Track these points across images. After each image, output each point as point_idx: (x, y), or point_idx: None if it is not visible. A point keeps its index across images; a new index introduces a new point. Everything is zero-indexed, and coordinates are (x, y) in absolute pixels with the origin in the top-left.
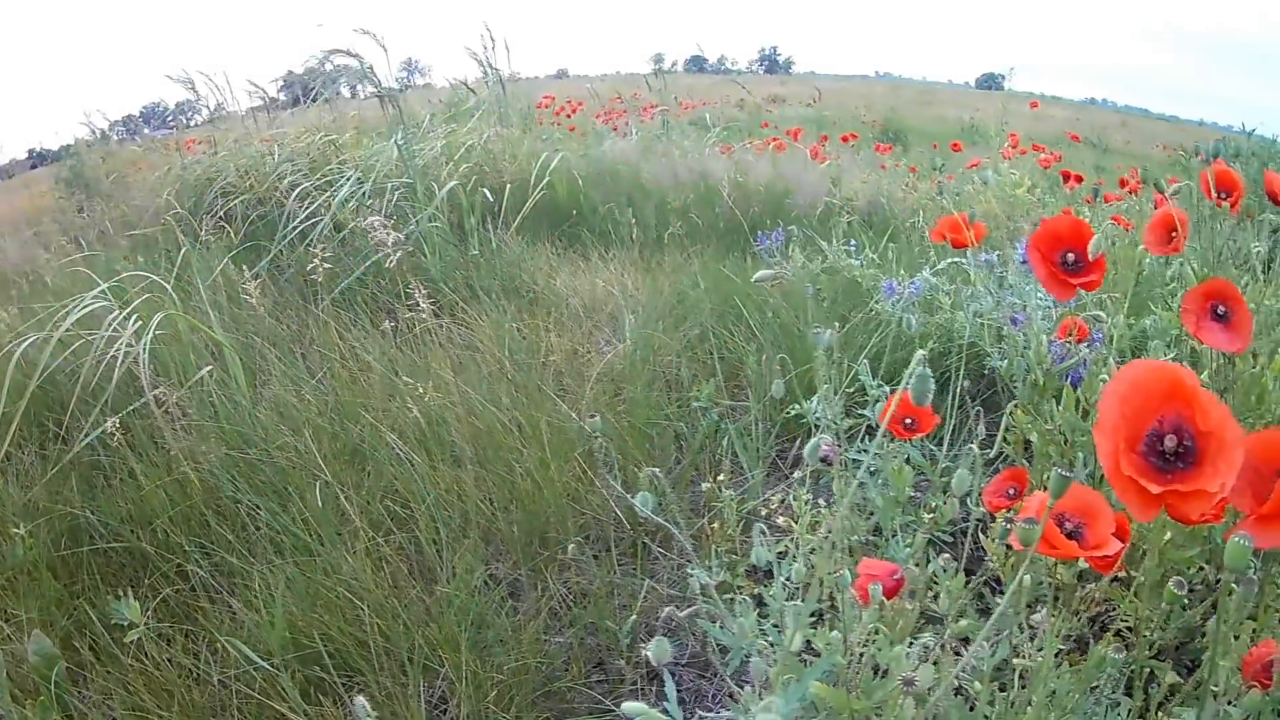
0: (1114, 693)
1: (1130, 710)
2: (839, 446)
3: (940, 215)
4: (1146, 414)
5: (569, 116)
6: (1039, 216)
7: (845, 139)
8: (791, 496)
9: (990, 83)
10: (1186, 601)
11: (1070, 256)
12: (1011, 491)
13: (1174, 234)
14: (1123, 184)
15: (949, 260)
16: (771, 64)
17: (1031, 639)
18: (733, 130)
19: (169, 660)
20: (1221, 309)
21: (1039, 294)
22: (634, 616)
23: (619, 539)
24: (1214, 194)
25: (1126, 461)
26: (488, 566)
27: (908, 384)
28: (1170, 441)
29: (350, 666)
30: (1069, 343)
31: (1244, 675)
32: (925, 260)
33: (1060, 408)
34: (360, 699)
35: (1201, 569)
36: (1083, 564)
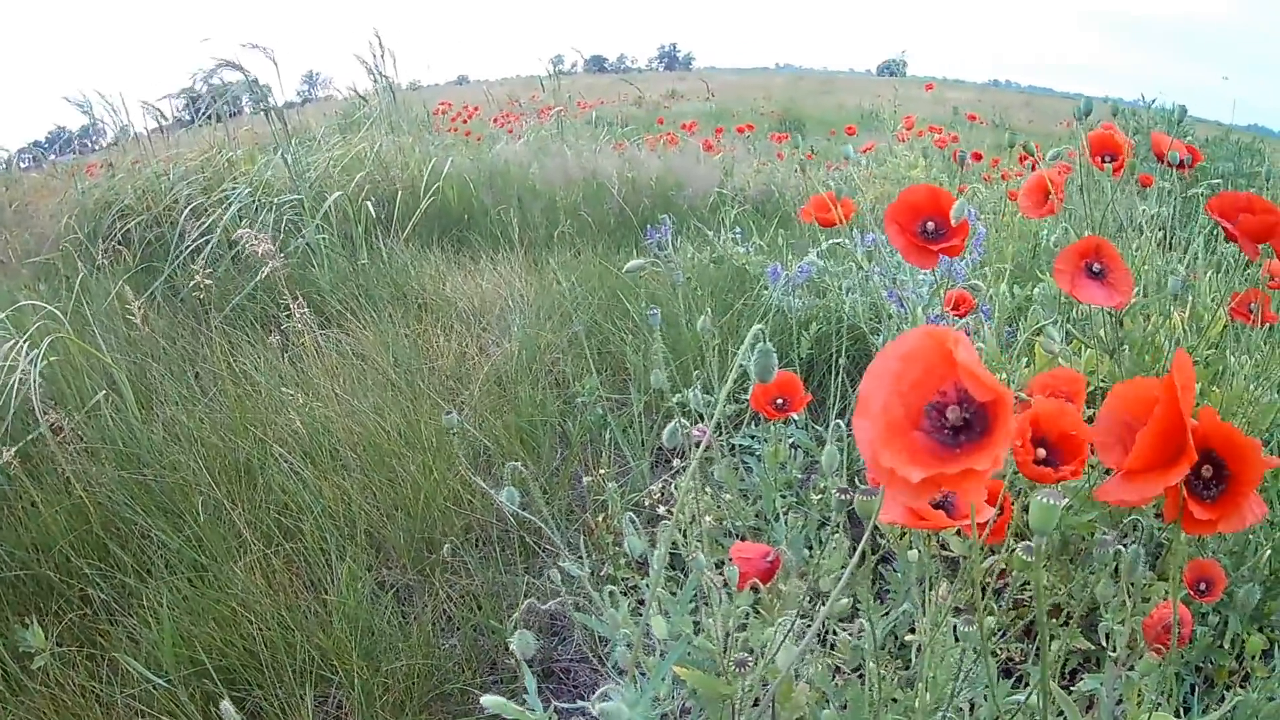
0: (1022, 661)
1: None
2: (722, 433)
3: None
4: (926, 388)
5: (465, 122)
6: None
7: (740, 130)
8: (673, 486)
9: (891, 69)
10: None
11: (930, 225)
12: None
13: (1049, 197)
14: (1022, 159)
15: (831, 241)
16: (671, 60)
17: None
18: (629, 127)
19: (74, 684)
20: (1096, 266)
21: (920, 270)
22: (516, 615)
23: (504, 538)
24: (1097, 158)
25: (890, 451)
26: (376, 573)
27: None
28: (954, 413)
29: (248, 680)
30: (945, 313)
31: (1146, 638)
32: (816, 245)
33: None
34: (225, 704)
35: (1105, 532)
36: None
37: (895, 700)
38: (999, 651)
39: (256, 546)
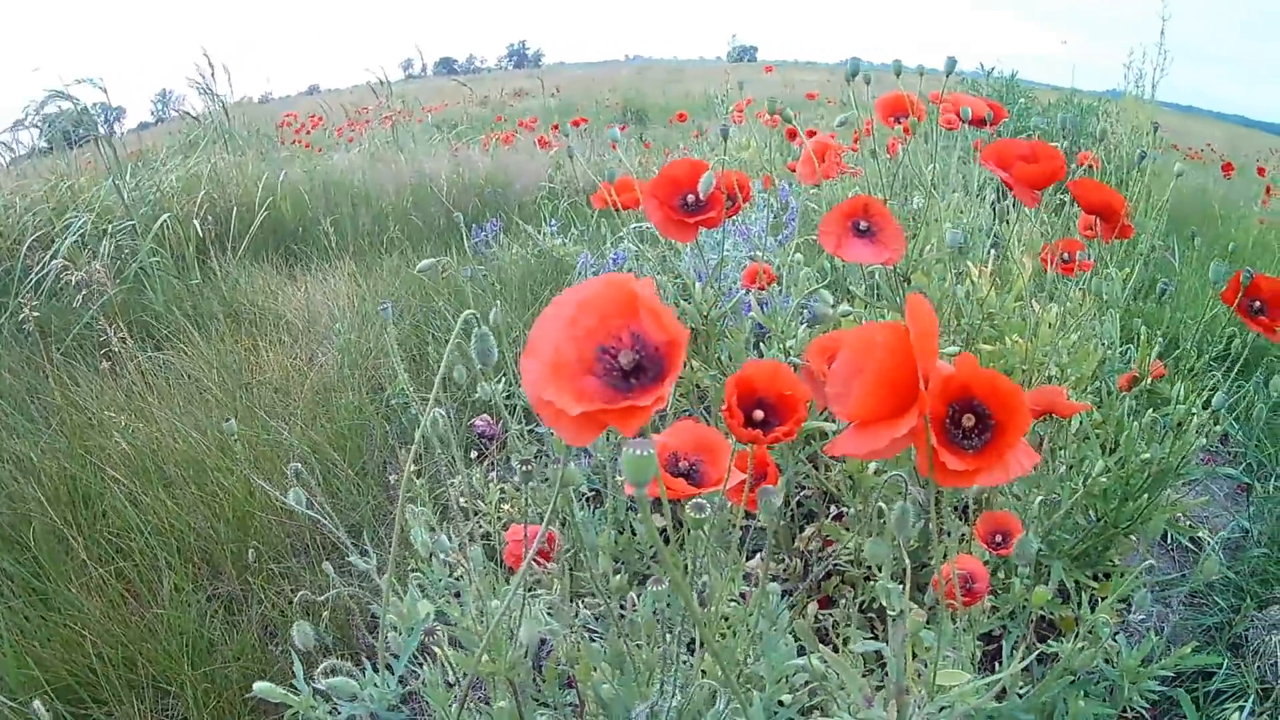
0: (846, 625)
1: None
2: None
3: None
4: (601, 333)
5: (309, 133)
6: (764, 175)
7: (575, 124)
8: (474, 479)
9: (743, 55)
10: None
11: (690, 198)
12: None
13: (823, 163)
14: (856, 137)
15: (635, 225)
16: (521, 58)
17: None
18: (475, 127)
19: None
20: (864, 225)
21: (732, 248)
22: (326, 614)
23: (325, 544)
24: (889, 119)
25: (555, 389)
26: (210, 585)
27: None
28: (626, 357)
29: (93, 697)
30: (728, 285)
31: (938, 591)
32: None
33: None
34: (36, 703)
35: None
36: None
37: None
38: (807, 618)
39: (94, 569)
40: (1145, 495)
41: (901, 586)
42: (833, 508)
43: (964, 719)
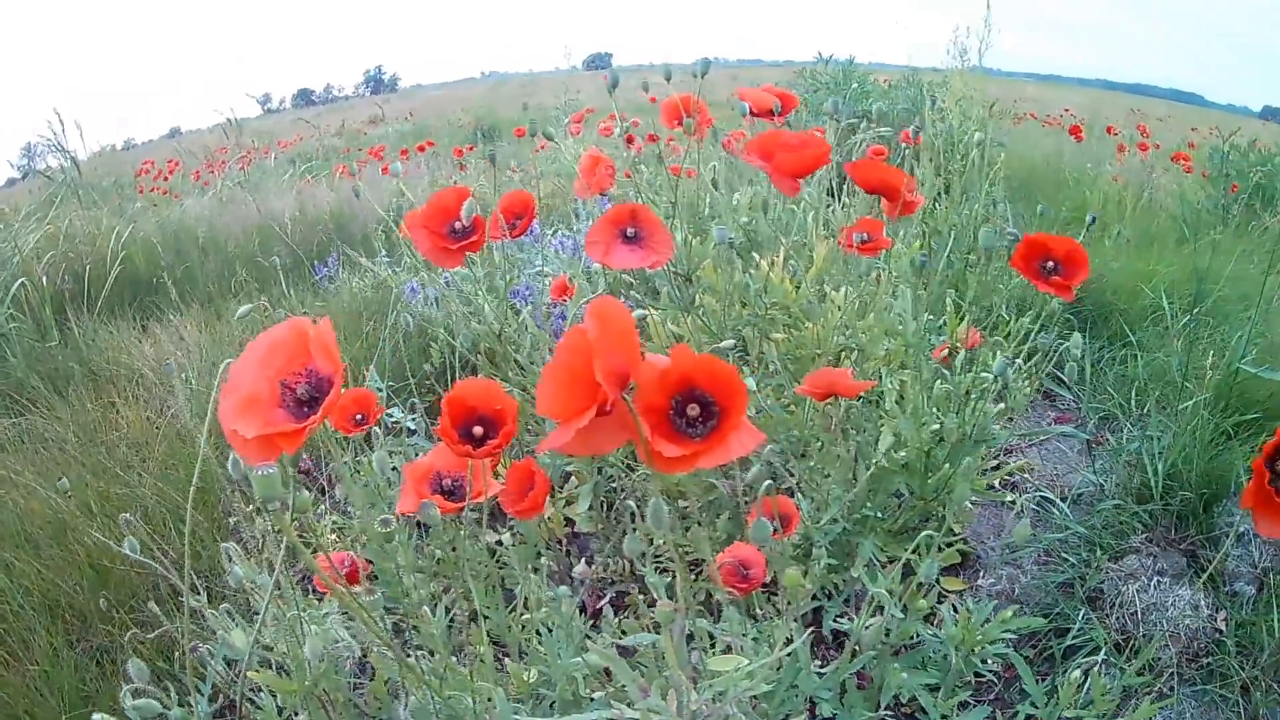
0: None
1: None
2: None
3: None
4: (285, 370)
5: (167, 179)
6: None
7: (421, 148)
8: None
9: (598, 63)
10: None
11: (458, 225)
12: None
13: (596, 173)
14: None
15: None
16: (378, 84)
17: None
18: (329, 159)
19: None
20: (631, 231)
21: (545, 264)
22: (127, 640)
23: (177, 589)
24: (672, 122)
25: (243, 421)
26: (80, 639)
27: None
28: (303, 390)
29: None
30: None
31: (716, 581)
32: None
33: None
34: None
35: (714, 485)
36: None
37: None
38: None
39: None
40: (947, 465)
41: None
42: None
43: (751, 701)
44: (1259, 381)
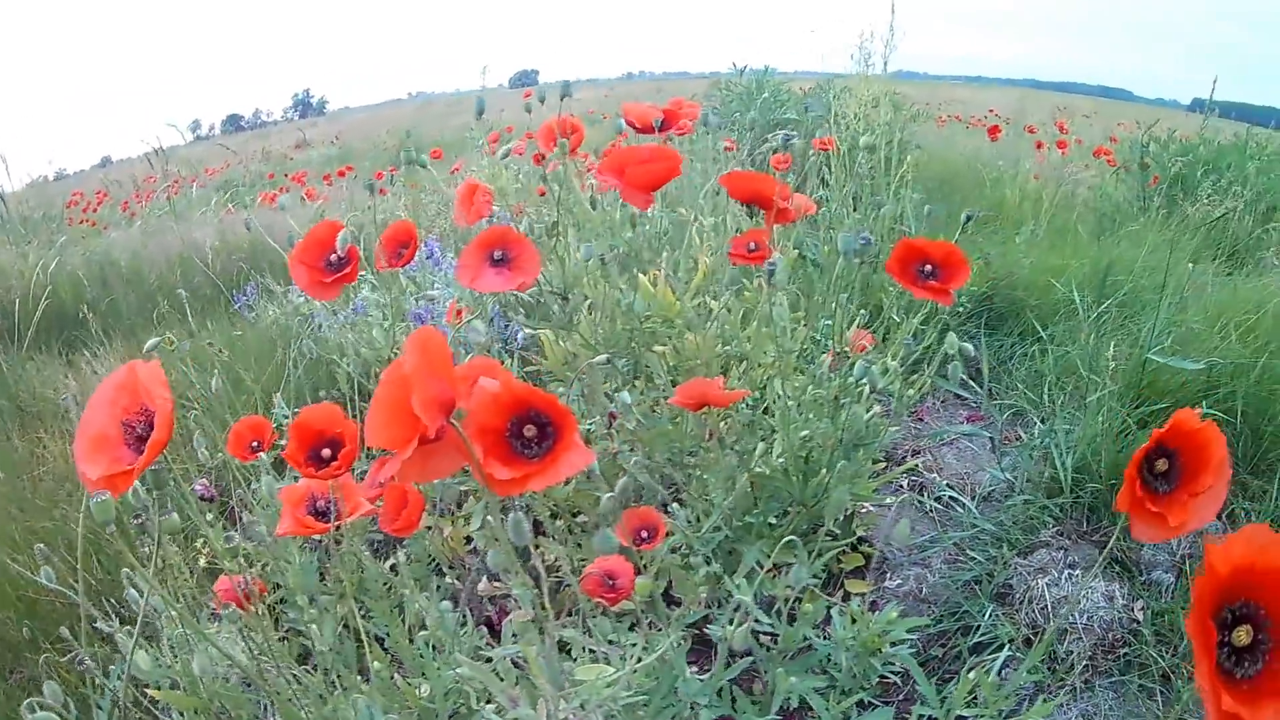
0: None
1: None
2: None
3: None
4: (128, 410)
5: (96, 210)
6: (518, 203)
7: (341, 173)
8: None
9: (524, 80)
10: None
11: (334, 258)
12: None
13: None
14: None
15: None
16: (306, 107)
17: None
18: (255, 185)
19: None
20: (499, 254)
21: (449, 287)
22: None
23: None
24: (549, 144)
25: (91, 459)
26: (13, 672)
27: None
28: (141, 429)
29: None
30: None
31: (586, 592)
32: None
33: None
34: None
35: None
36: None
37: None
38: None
39: None
40: (824, 470)
41: (536, 591)
42: (559, 522)
43: (626, 709)
44: (1170, 370)
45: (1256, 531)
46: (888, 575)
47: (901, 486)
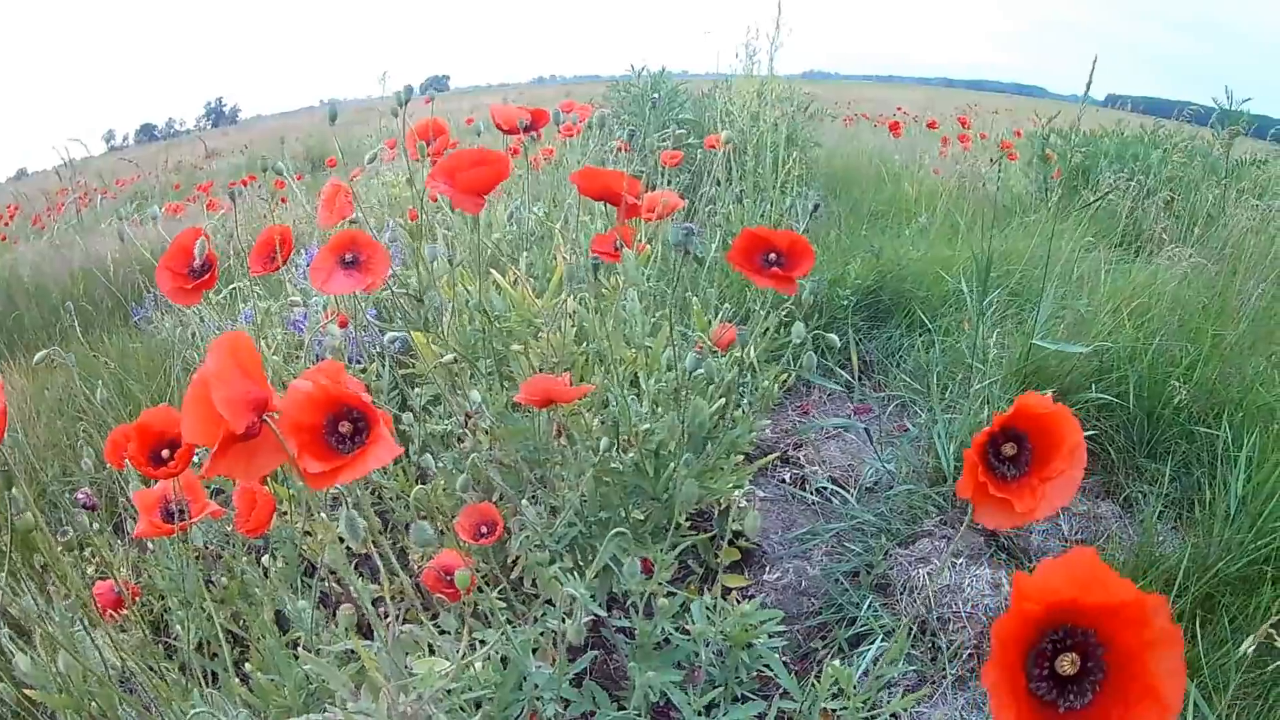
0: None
1: None
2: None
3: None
4: None
5: (8, 224)
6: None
7: (244, 182)
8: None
9: (435, 86)
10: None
11: (197, 264)
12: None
13: (336, 202)
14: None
15: (250, 281)
16: (218, 116)
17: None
18: (165, 196)
19: None
20: (350, 256)
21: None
22: None
23: None
24: (414, 148)
25: None
26: None
27: None
28: None
29: None
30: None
31: (429, 588)
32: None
33: None
34: None
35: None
36: None
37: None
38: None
39: None
40: (670, 465)
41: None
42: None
43: (475, 703)
44: (1060, 356)
45: (1079, 560)
46: (767, 569)
47: (785, 480)
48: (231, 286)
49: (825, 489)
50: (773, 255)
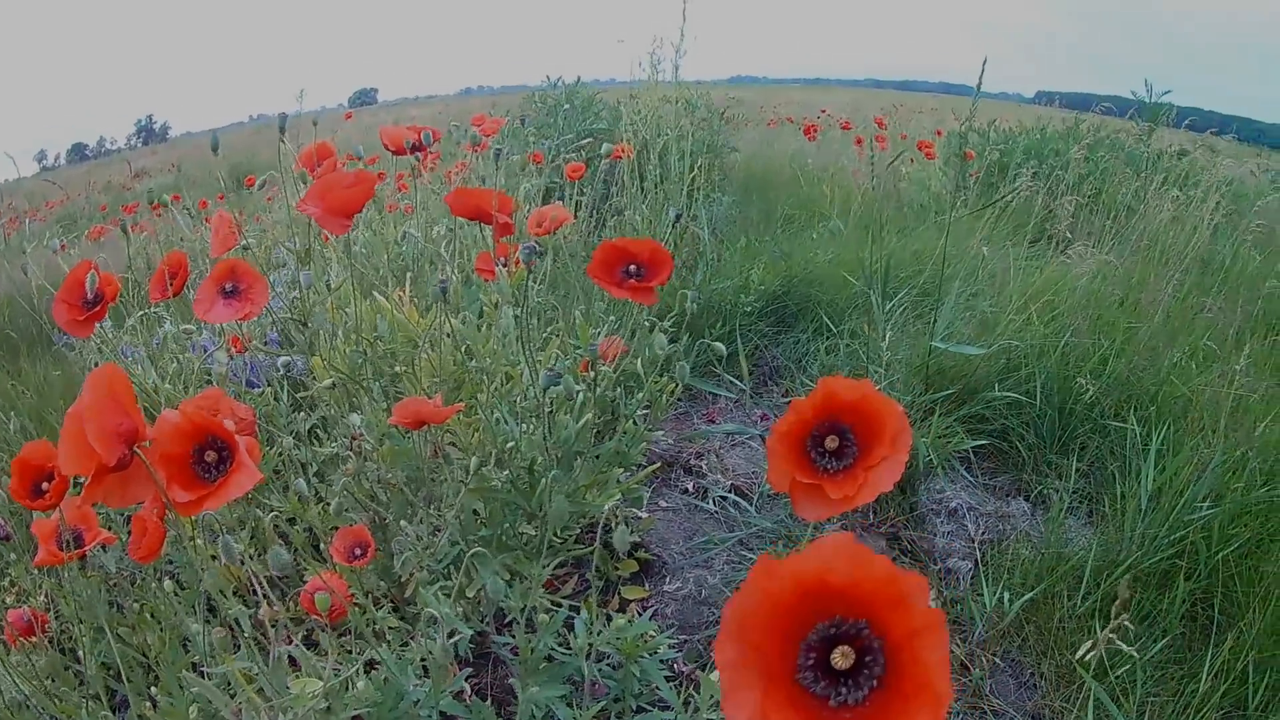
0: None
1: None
2: None
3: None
4: None
5: None
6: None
7: (173, 201)
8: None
9: (364, 99)
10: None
11: (91, 295)
12: None
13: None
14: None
15: (150, 309)
16: (149, 134)
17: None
18: (94, 218)
19: None
20: (230, 286)
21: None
22: None
23: None
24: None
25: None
26: None
27: None
28: None
29: None
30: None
31: (306, 609)
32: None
33: None
34: None
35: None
36: None
37: None
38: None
39: None
40: (542, 480)
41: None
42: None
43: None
44: (959, 358)
45: (834, 540)
46: (667, 579)
47: (687, 489)
48: (140, 313)
49: (728, 498)
50: (633, 267)
